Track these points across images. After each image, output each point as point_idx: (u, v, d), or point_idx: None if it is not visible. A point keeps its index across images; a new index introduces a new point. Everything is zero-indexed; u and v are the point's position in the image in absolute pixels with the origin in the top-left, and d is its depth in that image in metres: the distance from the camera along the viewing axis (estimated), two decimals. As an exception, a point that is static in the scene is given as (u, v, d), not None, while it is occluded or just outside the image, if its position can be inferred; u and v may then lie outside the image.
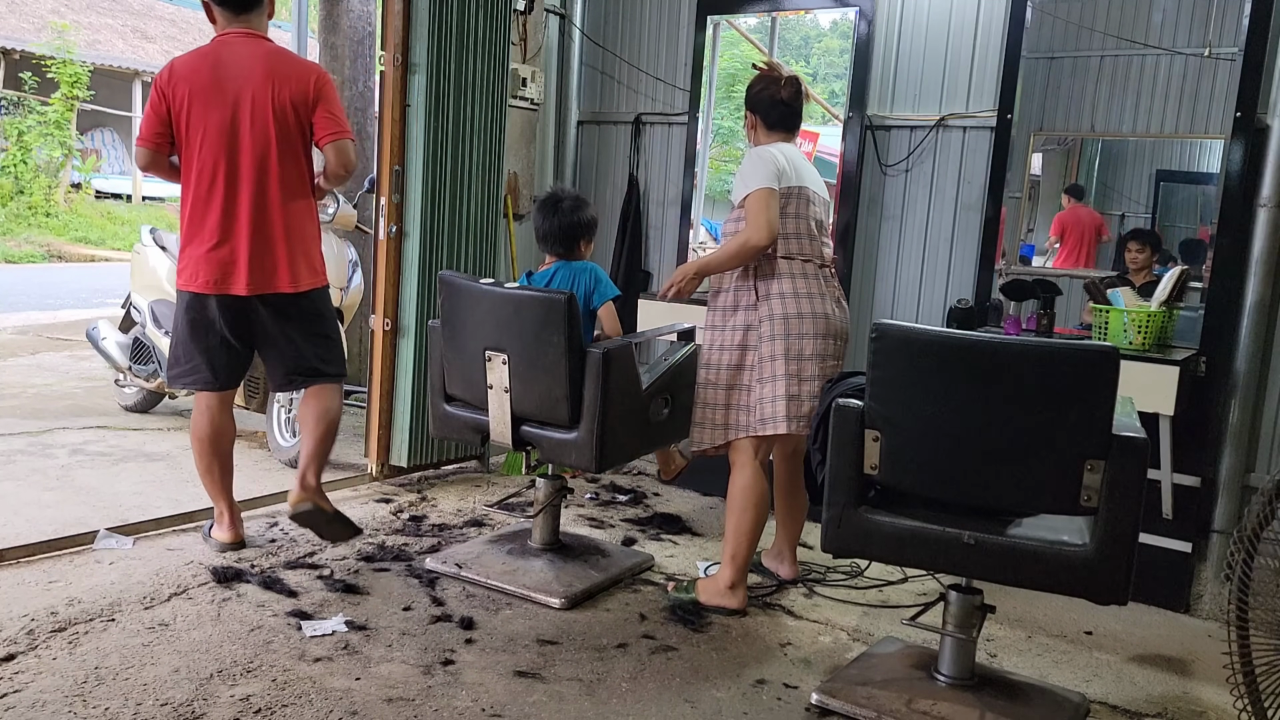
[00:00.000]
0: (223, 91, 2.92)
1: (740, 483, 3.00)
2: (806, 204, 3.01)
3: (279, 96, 2.94)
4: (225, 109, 2.92)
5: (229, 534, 3.22)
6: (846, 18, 4.07)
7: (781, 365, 2.94)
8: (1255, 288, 3.20)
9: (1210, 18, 3.31)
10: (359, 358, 5.06)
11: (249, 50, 2.98)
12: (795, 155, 3.06)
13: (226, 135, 2.92)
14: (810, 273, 3.01)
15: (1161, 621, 3.26)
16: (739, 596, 3.00)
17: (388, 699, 2.36)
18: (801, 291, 2.98)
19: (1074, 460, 2.18)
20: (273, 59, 2.98)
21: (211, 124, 2.91)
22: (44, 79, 14.04)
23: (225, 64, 2.93)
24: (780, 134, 3.08)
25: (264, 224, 2.96)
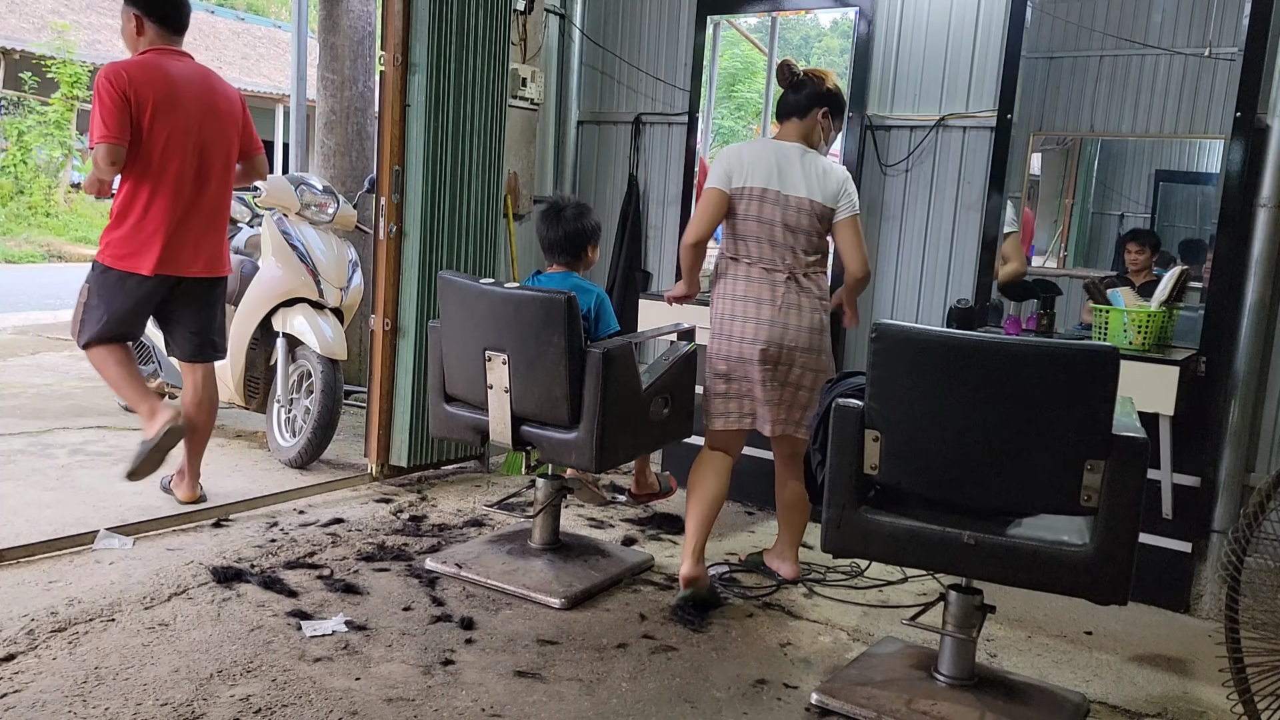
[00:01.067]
0: (181, 101, 3.25)
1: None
2: (761, 205, 2.97)
3: (228, 112, 3.41)
4: (187, 117, 3.27)
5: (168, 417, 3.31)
6: (846, 18, 4.07)
7: (710, 363, 3.08)
8: (1255, 288, 3.20)
9: (1210, 18, 3.31)
10: (359, 358, 5.06)
11: (190, 68, 3.35)
12: (763, 154, 3.01)
13: (190, 140, 3.28)
14: (757, 276, 2.98)
15: (1161, 621, 3.26)
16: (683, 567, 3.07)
17: (388, 699, 2.36)
18: (739, 294, 2.99)
19: (1074, 460, 2.18)
20: (211, 78, 3.42)
21: (176, 129, 3.24)
22: (44, 79, 14.04)
23: (176, 78, 3.27)
24: (781, 123, 3.10)
25: (216, 219, 3.42)
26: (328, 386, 4.05)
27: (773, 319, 2.97)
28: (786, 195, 2.97)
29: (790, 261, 3.00)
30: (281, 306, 4.21)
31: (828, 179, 3.01)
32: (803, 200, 2.98)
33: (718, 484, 3.10)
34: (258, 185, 4.33)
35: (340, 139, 5.46)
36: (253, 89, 19.18)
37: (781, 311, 2.98)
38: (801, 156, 3.03)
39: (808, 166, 3.01)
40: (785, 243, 2.99)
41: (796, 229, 2.99)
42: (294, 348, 4.24)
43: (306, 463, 4.11)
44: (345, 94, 5.44)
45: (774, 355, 2.99)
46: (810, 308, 3.03)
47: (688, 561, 3.02)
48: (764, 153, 3.01)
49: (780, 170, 2.99)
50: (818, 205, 2.99)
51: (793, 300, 2.99)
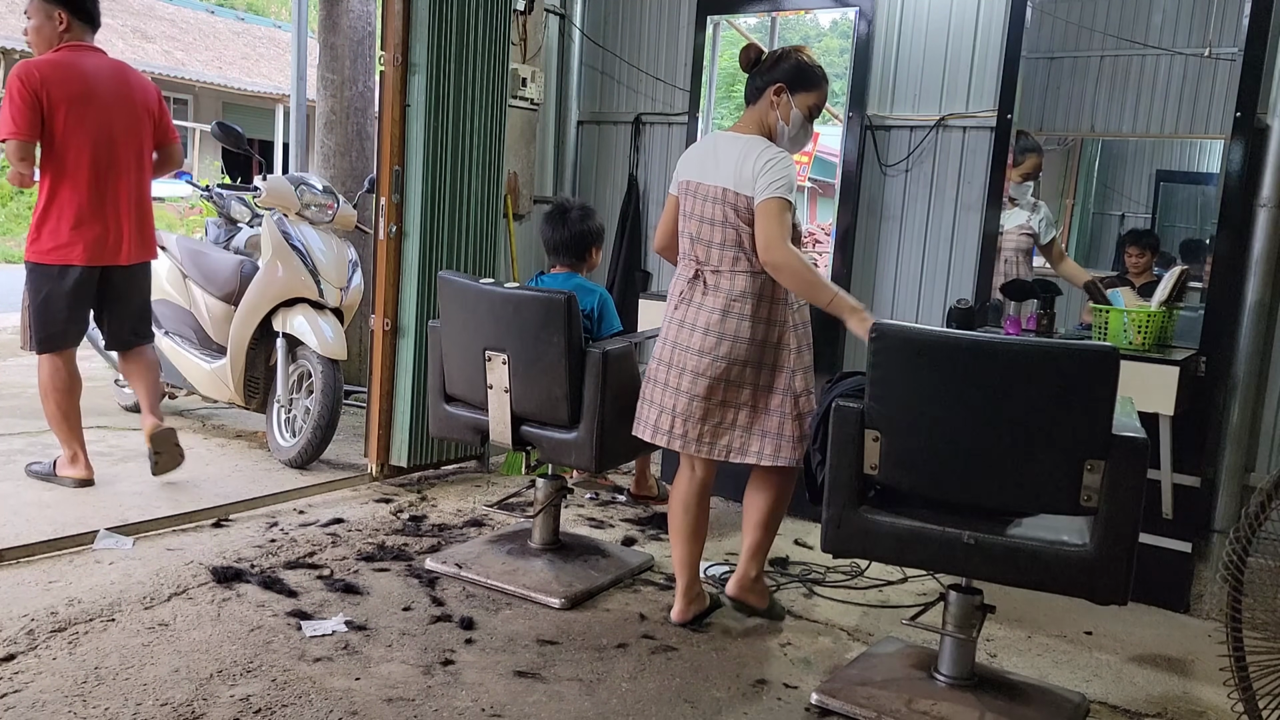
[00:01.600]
0: (94, 96, 3.39)
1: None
2: (692, 200, 2.73)
3: (143, 104, 3.56)
4: (100, 111, 3.41)
5: (84, 471, 3.64)
6: (846, 18, 4.07)
7: (650, 366, 2.85)
8: (1255, 288, 3.20)
9: (1210, 18, 3.31)
10: (359, 358, 5.06)
11: (103, 63, 3.48)
12: (709, 142, 2.81)
13: (104, 133, 3.42)
14: (684, 275, 2.77)
15: (1161, 621, 3.26)
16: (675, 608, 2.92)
17: (388, 699, 2.36)
18: (673, 296, 2.81)
19: (1074, 460, 2.18)
20: (125, 72, 3.55)
21: (89, 124, 3.38)
22: (44, 79, 14.01)
23: (90, 74, 3.40)
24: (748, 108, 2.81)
25: (139, 206, 3.58)
26: (328, 386, 4.05)
27: (694, 323, 2.71)
28: (706, 186, 2.68)
29: (704, 258, 2.70)
30: (281, 306, 4.21)
31: (745, 163, 2.61)
32: (714, 189, 2.66)
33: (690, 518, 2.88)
34: (257, 185, 4.36)
35: (340, 139, 5.46)
36: (253, 89, 19.21)
37: (714, 315, 2.68)
38: (735, 143, 2.68)
39: (736, 153, 2.65)
40: (703, 239, 2.70)
41: (711, 221, 2.68)
42: (294, 348, 4.24)
43: (306, 463, 4.11)
44: (345, 94, 5.44)
45: (712, 368, 2.68)
46: (711, 308, 2.68)
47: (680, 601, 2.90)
48: (704, 144, 2.81)
49: (707, 160, 2.71)
50: (730, 194, 2.62)
51: (708, 303, 2.69)
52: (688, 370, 2.70)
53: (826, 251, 4.22)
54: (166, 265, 4.72)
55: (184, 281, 4.65)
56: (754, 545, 2.90)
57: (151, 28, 19.37)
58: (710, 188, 2.67)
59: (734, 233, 2.65)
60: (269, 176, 4.37)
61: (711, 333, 2.68)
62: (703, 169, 2.71)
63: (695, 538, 2.90)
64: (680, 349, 2.73)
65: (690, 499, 2.88)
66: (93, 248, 3.44)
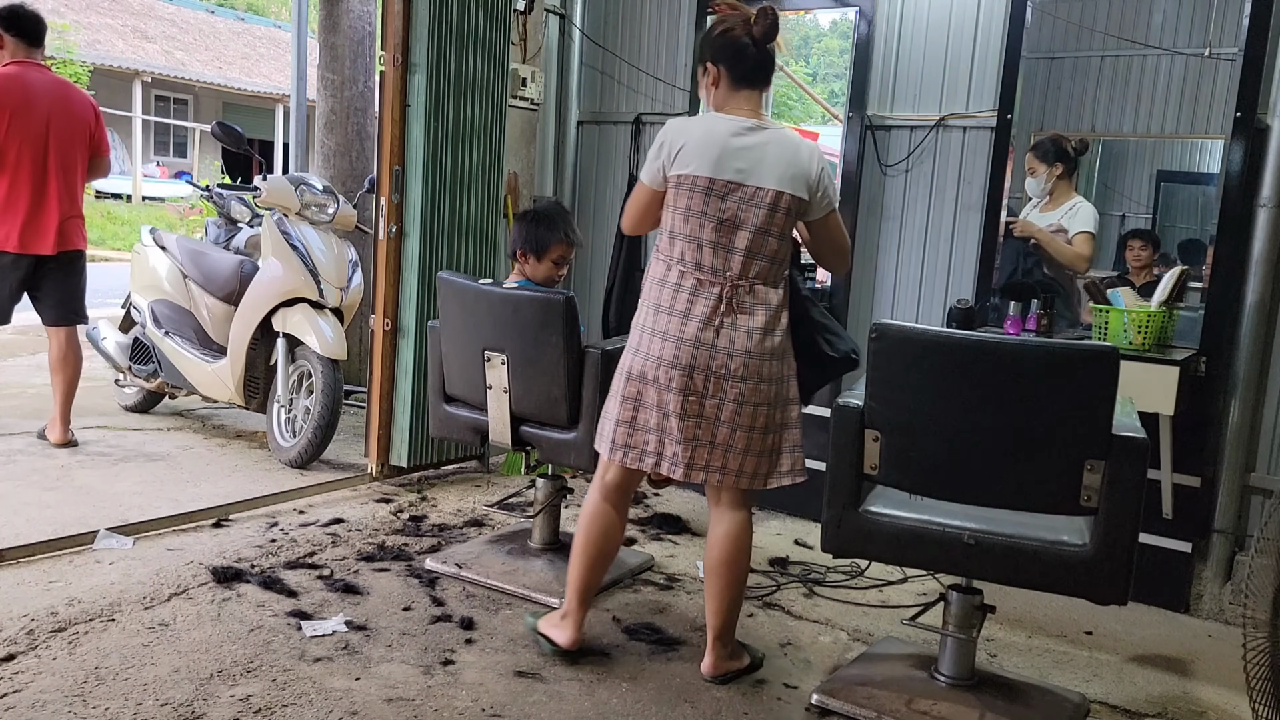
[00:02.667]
0: (35, 107, 3.88)
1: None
2: (705, 198, 2.37)
3: (80, 117, 4.05)
4: (40, 121, 3.90)
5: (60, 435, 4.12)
6: (846, 18, 4.07)
7: (620, 381, 2.52)
8: (1255, 288, 3.20)
9: (1210, 18, 3.31)
10: (359, 358, 5.06)
11: (46, 78, 3.99)
12: (721, 129, 2.39)
13: (41, 141, 3.90)
14: (689, 286, 2.41)
15: (1161, 621, 3.26)
16: (567, 631, 2.60)
17: (388, 699, 2.36)
18: (665, 305, 2.43)
19: (1074, 460, 2.18)
20: (67, 89, 4.07)
21: (30, 131, 3.87)
22: (44, 79, 14.03)
23: (32, 86, 3.90)
24: (745, 90, 2.45)
25: (65, 203, 4.00)
26: (328, 386, 4.05)
27: (698, 339, 2.39)
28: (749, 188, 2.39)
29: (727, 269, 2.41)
30: (281, 306, 4.21)
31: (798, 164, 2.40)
32: (765, 192, 2.38)
33: (608, 542, 2.63)
34: (257, 185, 4.37)
35: (340, 139, 5.46)
36: (253, 89, 19.23)
37: (724, 333, 2.40)
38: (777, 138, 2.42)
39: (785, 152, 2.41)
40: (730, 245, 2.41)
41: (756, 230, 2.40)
42: (294, 348, 4.24)
43: (306, 463, 4.11)
44: (345, 94, 5.44)
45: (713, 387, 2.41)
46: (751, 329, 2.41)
47: (572, 628, 2.61)
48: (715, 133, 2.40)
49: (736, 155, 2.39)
50: (786, 198, 2.39)
51: (730, 321, 2.41)
52: (728, 400, 2.40)
53: (826, 251, 4.21)
54: (166, 265, 4.72)
55: (184, 281, 4.65)
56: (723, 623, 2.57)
57: (151, 28, 19.38)
58: (755, 190, 2.37)
59: (775, 242, 2.41)
60: (269, 176, 4.37)
61: (753, 355, 2.40)
62: (734, 165, 2.37)
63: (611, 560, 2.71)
64: (713, 377, 2.40)
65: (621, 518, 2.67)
66: (25, 238, 3.92)
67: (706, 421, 2.43)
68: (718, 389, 2.41)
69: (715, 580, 2.54)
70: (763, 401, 2.43)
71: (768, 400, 2.44)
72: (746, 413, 2.42)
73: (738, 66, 2.43)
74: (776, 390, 2.46)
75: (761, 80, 2.47)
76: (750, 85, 2.46)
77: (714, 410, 2.42)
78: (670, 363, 2.41)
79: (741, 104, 2.45)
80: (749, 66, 2.44)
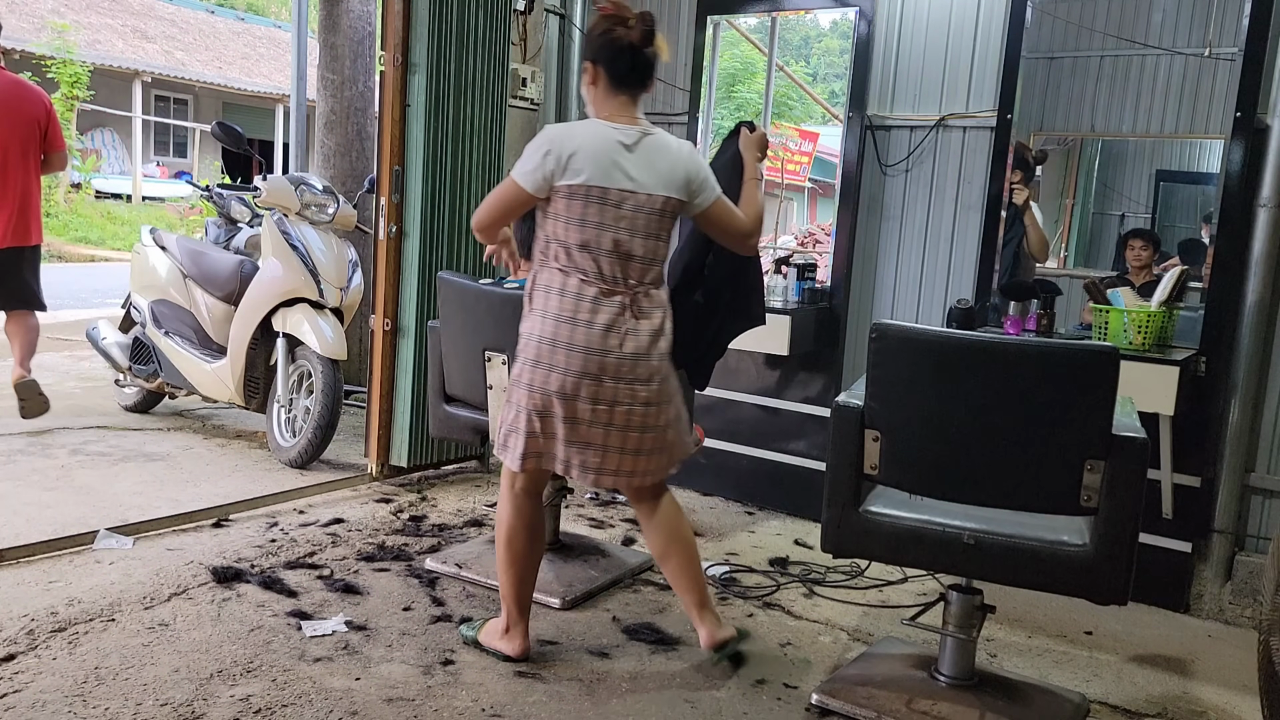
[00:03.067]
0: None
1: (497, 512, 2.64)
2: (601, 208, 2.38)
3: (31, 115, 4.17)
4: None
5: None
6: (846, 18, 4.07)
7: (522, 394, 2.46)
8: (1255, 288, 3.20)
9: (1210, 18, 3.31)
10: (359, 358, 5.06)
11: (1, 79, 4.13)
12: (606, 138, 2.39)
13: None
14: (590, 295, 2.40)
15: (1161, 621, 3.26)
16: (515, 642, 2.58)
17: (388, 699, 2.36)
18: (566, 315, 2.40)
19: (1074, 460, 2.18)
20: (20, 87, 4.19)
21: None
22: (44, 79, 14.03)
23: None
24: (625, 94, 2.46)
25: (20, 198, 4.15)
26: (328, 386, 4.05)
27: (606, 348, 2.40)
28: (641, 195, 2.41)
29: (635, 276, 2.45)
30: (281, 306, 4.21)
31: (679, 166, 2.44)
32: (657, 199, 2.42)
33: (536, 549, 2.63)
34: (257, 185, 4.38)
35: (340, 139, 5.46)
36: (253, 89, 19.23)
37: (628, 339, 2.42)
38: (661, 144, 2.45)
39: (670, 156, 2.44)
40: (635, 254, 2.44)
41: (650, 236, 2.45)
42: (294, 348, 4.24)
43: (306, 463, 4.11)
44: (345, 94, 5.44)
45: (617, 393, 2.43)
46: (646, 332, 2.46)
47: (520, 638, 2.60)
48: (603, 141, 2.41)
49: (626, 164, 2.41)
50: (673, 202, 2.44)
51: (633, 326, 2.43)
52: (637, 404, 2.44)
53: (827, 252, 4.22)
54: (167, 264, 4.72)
55: (184, 281, 4.65)
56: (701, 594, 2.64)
57: (151, 28, 19.38)
58: (648, 198, 2.41)
59: (664, 246, 2.50)
60: (269, 176, 4.37)
61: (654, 357, 2.46)
62: (623, 174, 2.39)
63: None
64: (621, 383, 2.42)
65: (543, 526, 2.68)
66: None
67: (617, 429, 2.46)
68: (627, 395, 2.44)
69: (673, 562, 2.63)
70: (664, 400, 2.51)
71: (668, 397, 2.52)
72: (653, 413, 2.48)
73: (615, 68, 2.44)
74: (671, 384, 2.54)
75: (638, 84, 2.47)
76: (628, 88, 2.46)
77: (624, 417, 2.45)
78: (579, 373, 2.40)
79: (620, 107, 2.46)
80: (625, 69, 2.44)
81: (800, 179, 5.25)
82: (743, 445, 4.19)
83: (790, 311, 3.83)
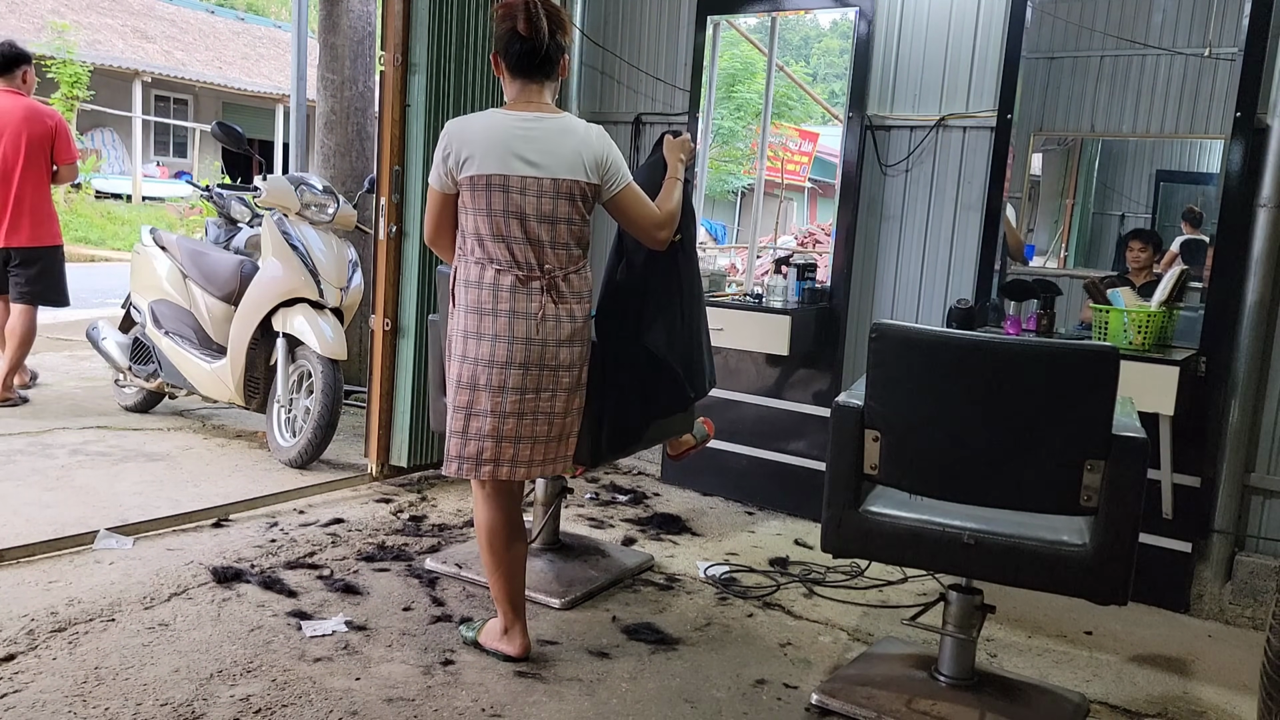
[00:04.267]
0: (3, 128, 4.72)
1: (474, 518, 2.63)
2: (503, 196, 2.39)
3: (41, 133, 4.80)
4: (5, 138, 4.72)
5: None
6: (846, 18, 4.07)
7: (453, 391, 2.49)
8: (1255, 288, 3.20)
9: (1210, 18, 3.31)
10: (359, 358, 5.06)
11: (14, 101, 4.80)
12: (502, 126, 2.41)
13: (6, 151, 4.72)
14: (507, 284, 2.41)
15: (1161, 621, 3.26)
16: (515, 641, 2.59)
17: (388, 699, 2.36)
18: (486, 307, 2.42)
19: (1074, 460, 2.18)
20: (32, 109, 4.83)
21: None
22: (44, 79, 14.03)
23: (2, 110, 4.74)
24: (524, 80, 2.46)
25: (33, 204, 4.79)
26: (328, 386, 4.05)
27: (529, 336, 2.43)
28: (538, 180, 2.41)
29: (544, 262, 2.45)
30: (281, 306, 4.21)
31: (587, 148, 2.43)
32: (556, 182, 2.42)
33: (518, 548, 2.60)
34: (257, 185, 4.38)
35: (340, 139, 5.46)
36: (253, 89, 19.23)
37: (546, 325, 2.45)
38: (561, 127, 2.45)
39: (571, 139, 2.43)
40: (539, 239, 2.43)
41: (553, 220, 2.44)
42: (294, 348, 4.24)
43: (306, 463, 4.11)
44: (345, 94, 5.44)
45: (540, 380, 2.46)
46: (564, 318, 2.48)
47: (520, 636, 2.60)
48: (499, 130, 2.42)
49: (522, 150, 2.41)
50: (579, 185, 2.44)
51: (551, 311, 2.45)
52: (560, 390, 2.48)
53: (826, 252, 4.22)
54: (167, 264, 4.72)
55: (184, 281, 4.65)
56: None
57: (151, 28, 19.39)
58: (551, 181, 2.41)
59: (578, 230, 2.48)
60: (269, 176, 4.37)
61: (576, 343, 2.49)
62: (522, 160, 2.40)
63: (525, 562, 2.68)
64: (545, 370, 2.45)
65: (520, 521, 2.64)
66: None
67: (543, 417, 2.49)
68: (549, 381, 2.47)
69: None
70: (578, 387, 2.54)
71: (581, 384, 2.55)
72: (574, 401, 2.54)
73: (509, 57, 2.46)
74: (583, 374, 2.55)
75: (535, 71, 2.46)
76: (525, 76, 2.46)
77: (548, 404, 2.48)
78: (503, 364, 2.43)
79: (520, 94, 2.48)
80: (517, 57, 2.44)
81: (800, 179, 5.26)
82: (743, 445, 4.20)
83: (790, 311, 3.83)
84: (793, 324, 3.79)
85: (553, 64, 2.47)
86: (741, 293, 4.26)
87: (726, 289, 4.29)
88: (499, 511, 2.57)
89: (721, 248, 5.68)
